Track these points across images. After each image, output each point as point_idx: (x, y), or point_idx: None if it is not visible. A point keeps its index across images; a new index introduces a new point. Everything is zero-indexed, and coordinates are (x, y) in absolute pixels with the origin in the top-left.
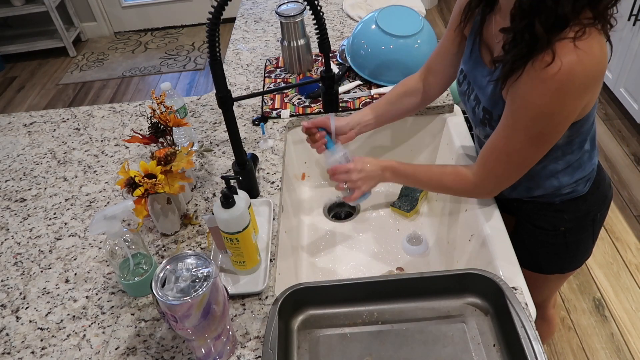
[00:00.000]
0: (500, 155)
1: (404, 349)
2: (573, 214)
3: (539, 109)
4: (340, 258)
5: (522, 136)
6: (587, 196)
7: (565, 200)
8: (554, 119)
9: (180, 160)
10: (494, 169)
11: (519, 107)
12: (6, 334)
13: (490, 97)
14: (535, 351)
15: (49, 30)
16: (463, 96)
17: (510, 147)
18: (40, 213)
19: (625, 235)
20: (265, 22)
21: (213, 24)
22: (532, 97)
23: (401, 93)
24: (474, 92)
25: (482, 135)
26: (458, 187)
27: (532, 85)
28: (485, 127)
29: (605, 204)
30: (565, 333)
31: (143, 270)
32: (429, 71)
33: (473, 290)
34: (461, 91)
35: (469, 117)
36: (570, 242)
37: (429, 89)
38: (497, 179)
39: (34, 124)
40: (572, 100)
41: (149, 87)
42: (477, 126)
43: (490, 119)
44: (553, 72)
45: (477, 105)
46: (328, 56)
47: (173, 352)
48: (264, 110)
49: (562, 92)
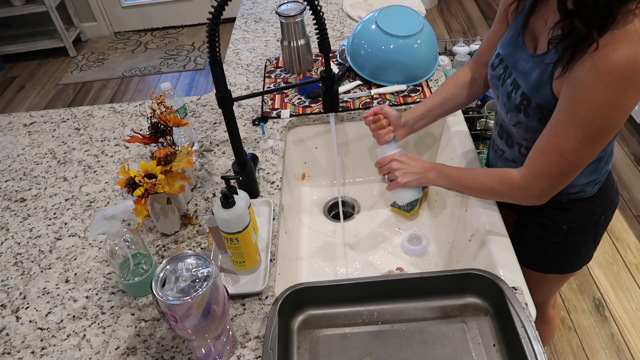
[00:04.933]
0: (552, 154)
1: (404, 349)
2: (577, 214)
3: (599, 102)
4: (340, 258)
5: (580, 132)
6: (594, 198)
7: (571, 200)
8: (615, 114)
9: (180, 160)
10: (543, 170)
11: (579, 100)
12: (6, 334)
13: (533, 83)
14: (535, 351)
15: (49, 30)
16: (496, 80)
17: (564, 144)
18: (40, 213)
19: (625, 235)
20: (265, 22)
21: (213, 24)
22: (596, 89)
23: (452, 87)
24: (512, 77)
25: (512, 122)
26: (504, 189)
27: (597, 77)
28: (520, 113)
29: (611, 209)
30: (565, 333)
31: (143, 270)
32: (478, 63)
33: (473, 290)
34: (494, 75)
35: (500, 104)
36: (571, 242)
37: (480, 81)
38: (547, 180)
39: (34, 124)
40: (635, 94)
41: (149, 87)
42: (510, 111)
43: (528, 105)
44: (620, 62)
45: (515, 90)
46: (328, 56)
47: (173, 352)
48: (264, 110)
49: (628, 85)
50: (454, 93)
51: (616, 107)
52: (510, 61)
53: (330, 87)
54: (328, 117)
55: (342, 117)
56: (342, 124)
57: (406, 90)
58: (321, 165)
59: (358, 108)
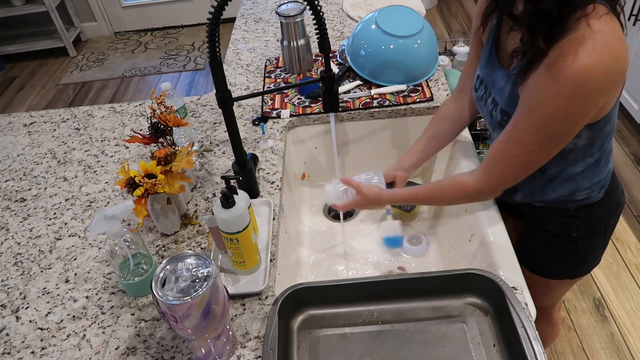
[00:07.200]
0: (507, 156)
1: (404, 349)
2: (586, 220)
3: (553, 109)
4: (340, 258)
5: (534, 137)
6: (601, 202)
7: (579, 207)
8: (568, 121)
9: (180, 160)
10: (498, 173)
11: (532, 106)
12: (6, 334)
13: (507, 98)
14: (535, 351)
15: (49, 30)
16: (480, 101)
17: (519, 148)
18: (40, 213)
19: (625, 235)
20: (265, 22)
21: (213, 24)
22: (548, 97)
23: (436, 124)
24: (491, 96)
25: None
26: (461, 197)
27: (548, 85)
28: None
29: (617, 211)
30: (565, 333)
31: (143, 270)
32: (462, 91)
33: (473, 290)
34: (477, 97)
35: (487, 122)
36: (582, 248)
37: (465, 110)
38: (501, 180)
39: (34, 124)
40: (589, 102)
41: (149, 87)
42: (495, 129)
43: (508, 120)
44: (570, 72)
45: (495, 108)
46: (328, 56)
47: (173, 352)
48: (264, 110)
49: (578, 93)
50: (439, 129)
51: (570, 114)
52: (489, 81)
53: (330, 87)
54: (328, 117)
55: (342, 117)
56: (342, 124)
57: (406, 90)
58: (321, 165)
59: (358, 108)
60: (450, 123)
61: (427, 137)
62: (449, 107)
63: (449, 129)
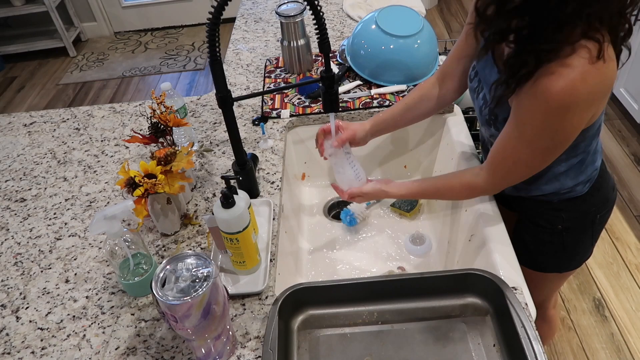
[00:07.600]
0: (508, 162)
1: (404, 349)
2: (571, 213)
3: (542, 126)
4: (340, 258)
5: (528, 148)
6: (586, 197)
7: (563, 200)
8: (558, 135)
9: (180, 160)
10: (503, 175)
11: (523, 121)
12: (6, 334)
13: (496, 98)
14: (535, 351)
15: (49, 30)
16: (473, 93)
17: (515, 156)
18: (40, 213)
19: (625, 235)
20: (265, 22)
21: (213, 24)
22: (534, 114)
23: (417, 98)
24: (483, 92)
25: (487, 134)
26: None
27: (535, 104)
28: (491, 127)
29: (606, 207)
30: (565, 333)
31: (143, 270)
32: (445, 75)
33: (473, 290)
34: (471, 87)
35: (477, 115)
36: (567, 241)
37: (446, 94)
38: (506, 181)
39: (34, 124)
40: (575, 118)
41: (149, 87)
42: (483, 125)
43: (496, 120)
44: (555, 91)
45: (485, 105)
46: (328, 56)
47: (173, 352)
48: (264, 110)
49: (564, 112)
50: (419, 105)
51: (558, 130)
52: (482, 75)
53: (330, 87)
54: (328, 117)
55: (342, 117)
56: None
57: (406, 90)
58: (321, 165)
59: (358, 108)
60: (430, 103)
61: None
62: (432, 85)
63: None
